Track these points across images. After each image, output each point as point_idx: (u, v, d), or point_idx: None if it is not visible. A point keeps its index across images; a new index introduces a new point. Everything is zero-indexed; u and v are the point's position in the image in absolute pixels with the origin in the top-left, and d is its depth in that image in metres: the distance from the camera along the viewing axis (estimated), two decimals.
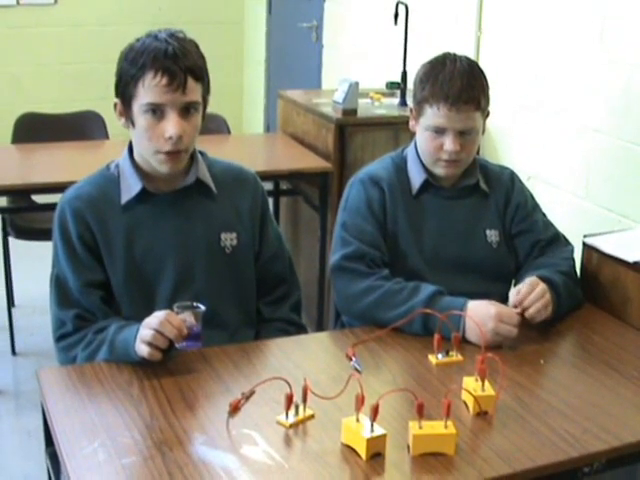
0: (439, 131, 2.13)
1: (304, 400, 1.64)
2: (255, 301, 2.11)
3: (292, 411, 1.63)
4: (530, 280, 2.04)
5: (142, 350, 1.74)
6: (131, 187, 1.96)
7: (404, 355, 1.92)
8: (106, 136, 4.06)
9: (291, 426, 1.61)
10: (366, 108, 3.96)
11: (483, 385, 1.68)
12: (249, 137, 5.38)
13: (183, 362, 1.82)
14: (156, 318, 1.75)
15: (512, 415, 1.68)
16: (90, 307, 1.92)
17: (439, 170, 2.19)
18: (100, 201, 1.96)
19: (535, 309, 1.98)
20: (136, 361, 1.77)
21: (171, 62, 1.84)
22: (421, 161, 2.24)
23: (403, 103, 4.05)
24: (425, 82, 2.15)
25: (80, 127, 4.06)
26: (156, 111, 1.86)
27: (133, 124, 1.91)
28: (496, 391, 1.68)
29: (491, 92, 2.18)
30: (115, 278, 1.94)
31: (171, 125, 1.86)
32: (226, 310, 2.03)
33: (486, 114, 2.19)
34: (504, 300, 2.32)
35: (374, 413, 1.52)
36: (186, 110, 1.88)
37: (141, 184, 1.95)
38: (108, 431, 1.57)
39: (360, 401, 1.54)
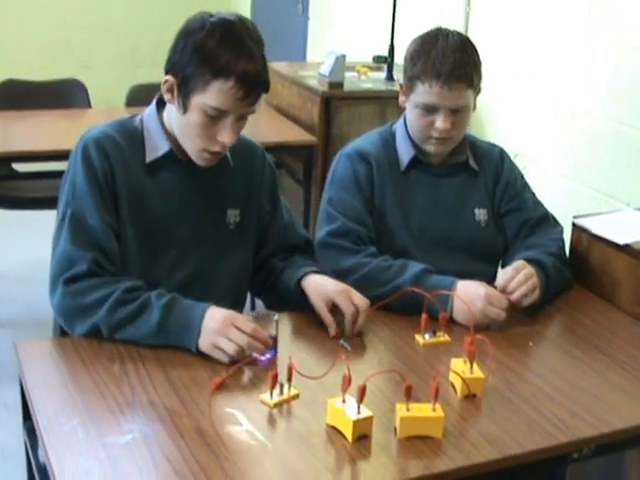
0: (430, 109, 2.08)
1: (289, 379, 1.60)
2: (248, 281, 2.07)
3: (276, 390, 1.59)
4: (516, 264, 2.01)
5: (216, 354, 1.70)
6: (157, 147, 1.89)
7: (390, 335, 1.89)
8: (88, 105, 3.99)
9: (275, 405, 1.57)
10: (352, 82, 3.91)
11: (472, 367, 1.65)
12: None
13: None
14: (239, 332, 1.69)
15: (500, 398, 1.65)
16: (110, 251, 1.82)
17: (429, 147, 2.15)
18: (126, 150, 1.88)
19: (520, 293, 1.95)
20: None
21: (255, 80, 1.78)
22: (410, 137, 2.19)
23: (390, 77, 4.00)
24: (416, 58, 2.10)
25: (62, 95, 3.98)
26: (217, 114, 1.79)
27: (184, 109, 1.81)
28: (485, 374, 1.65)
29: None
30: (124, 233, 1.87)
31: (229, 132, 1.80)
32: (219, 285, 1.98)
33: (478, 91, 2.15)
34: (491, 280, 2.31)
35: (361, 394, 1.49)
36: (242, 116, 1.84)
37: (169, 145, 1.89)
38: (88, 409, 1.53)
39: (347, 382, 1.51)
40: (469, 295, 1.92)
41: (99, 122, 1.95)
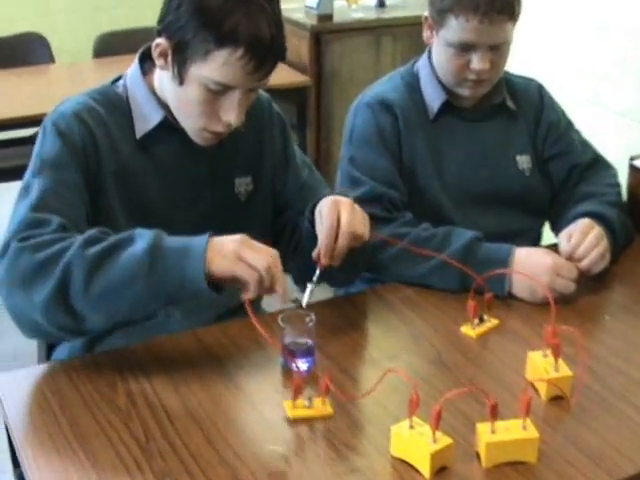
0: (465, 47, 1.75)
1: (325, 393, 1.31)
2: None
3: (303, 401, 1.31)
4: (582, 224, 1.70)
5: (241, 271, 1.32)
6: (148, 117, 1.54)
7: (433, 325, 1.58)
8: (51, 60, 3.58)
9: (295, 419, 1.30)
10: (342, 12, 3.55)
11: (557, 363, 1.36)
12: None
13: (177, 350, 1.47)
14: (253, 252, 1.35)
15: (590, 396, 1.36)
16: (78, 221, 1.44)
17: (463, 91, 1.83)
18: (111, 125, 1.53)
19: (590, 260, 1.65)
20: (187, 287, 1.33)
21: (268, 48, 1.42)
22: (438, 79, 1.86)
23: (381, 4, 3.64)
24: None
25: (21, 51, 3.56)
26: (222, 89, 1.45)
27: (179, 80, 1.46)
28: (572, 370, 1.36)
29: None
30: (115, 222, 1.52)
31: (235, 111, 1.46)
32: None
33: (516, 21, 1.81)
34: (538, 237, 2.01)
35: (436, 420, 1.19)
36: (252, 89, 1.49)
37: (161, 113, 1.54)
38: (93, 462, 1.22)
39: (414, 404, 1.21)
40: (533, 266, 1.62)
41: (65, 79, 1.62)
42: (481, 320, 1.54)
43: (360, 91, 1.95)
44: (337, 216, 1.46)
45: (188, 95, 1.46)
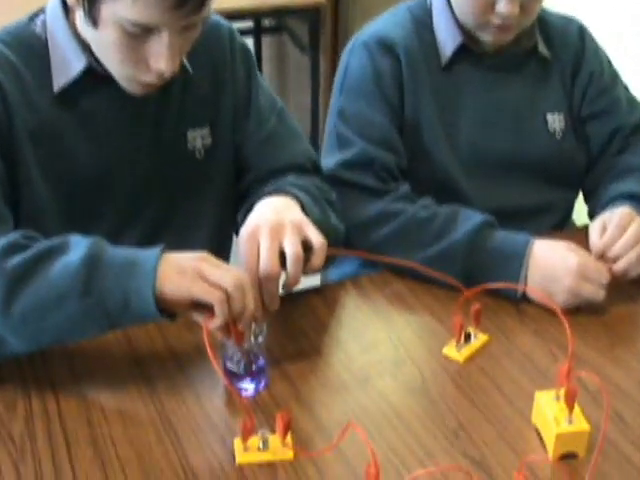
0: None
1: (284, 433, 1.02)
2: (232, 226, 1.45)
3: (257, 441, 1.03)
4: (620, 214, 1.36)
5: (195, 291, 1.03)
6: (68, 63, 1.23)
7: (428, 336, 1.27)
8: None
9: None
10: None
11: (571, 413, 1.05)
12: None
13: (100, 356, 1.19)
14: (216, 268, 1.05)
15: (614, 456, 1.05)
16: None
17: (486, 36, 1.48)
18: (25, 75, 1.22)
19: (628, 262, 1.32)
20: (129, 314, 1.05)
21: None
22: (455, 17, 1.51)
23: None
24: None
25: None
26: (141, 30, 1.13)
27: (92, 22, 1.14)
28: (589, 422, 1.05)
29: None
30: (36, 197, 1.25)
31: (165, 57, 1.14)
32: (191, 243, 1.31)
33: None
34: (568, 215, 1.68)
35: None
36: (186, 27, 1.16)
37: (85, 60, 1.22)
38: None
39: (372, 478, 0.92)
40: (554, 265, 1.30)
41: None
42: (467, 339, 1.23)
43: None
44: (256, 255, 1.13)
45: (105, 40, 1.15)
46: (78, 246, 1.06)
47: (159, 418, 1.09)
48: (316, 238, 1.15)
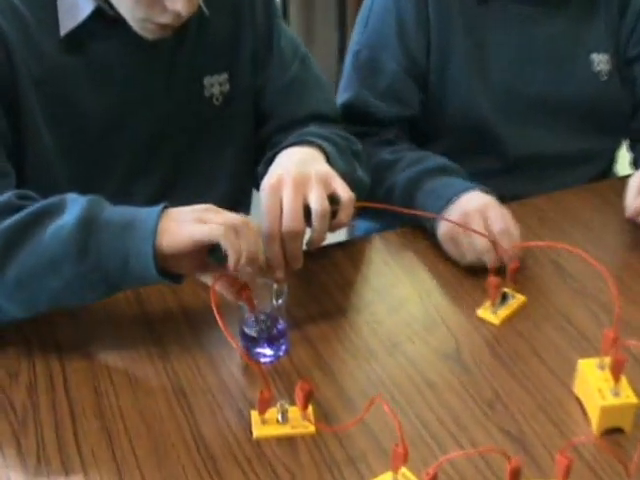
0: None
1: (303, 405, 0.94)
2: (251, 177, 1.34)
3: (276, 413, 0.95)
4: None
5: (196, 233, 0.94)
6: (76, 6, 1.11)
7: (462, 295, 1.18)
8: None
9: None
10: None
11: (617, 384, 0.96)
12: None
13: (109, 317, 1.12)
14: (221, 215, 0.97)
15: None
16: None
17: None
18: (30, 19, 1.11)
19: None
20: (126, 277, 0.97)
21: None
22: None
23: None
24: None
25: None
26: None
27: None
28: (637, 395, 0.96)
29: None
30: (42, 150, 1.16)
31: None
32: (207, 197, 1.15)
33: None
34: (610, 163, 1.57)
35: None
36: None
37: (94, 2, 1.11)
38: None
39: (399, 458, 0.83)
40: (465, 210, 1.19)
41: None
42: (504, 298, 1.14)
43: None
44: (278, 210, 1.03)
45: None
46: (74, 206, 0.98)
47: (171, 387, 1.01)
48: (344, 192, 1.05)
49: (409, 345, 1.08)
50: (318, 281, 1.19)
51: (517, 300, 1.14)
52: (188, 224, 0.95)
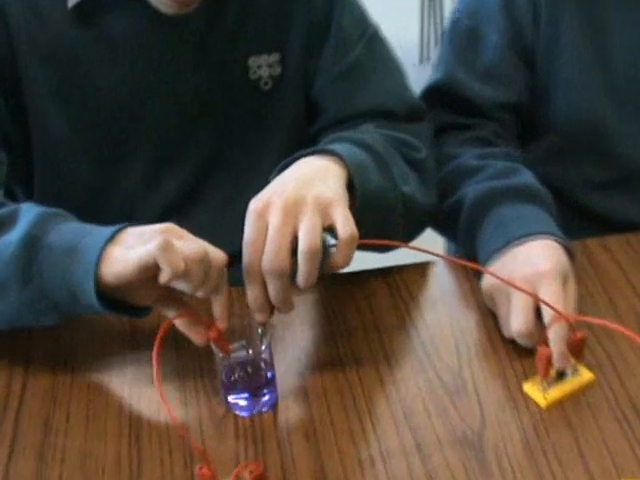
0: None
1: None
2: None
3: None
4: None
5: (138, 255, 0.78)
6: None
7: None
8: None
9: None
10: None
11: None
12: None
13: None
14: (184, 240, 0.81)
15: None
16: None
17: None
18: None
19: None
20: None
21: None
22: None
23: None
24: None
25: None
26: None
27: None
28: None
29: None
30: (48, 130, 1.04)
31: None
32: (247, 191, 0.96)
33: None
34: None
35: None
36: None
37: None
38: None
39: None
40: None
41: None
42: (560, 376, 0.88)
43: None
44: (261, 241, 0.83)
45: None
46: (23, 220, 0.84)
47: (128, 430, 0.86)
48: (343, 226, 0.83)
49: (421, 418, 0.86)
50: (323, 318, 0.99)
51: (580, 378, 0.88)
52: (133, 249, 0.79)
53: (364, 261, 1.11)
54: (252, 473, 0.75)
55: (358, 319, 0.99)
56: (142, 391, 0.90)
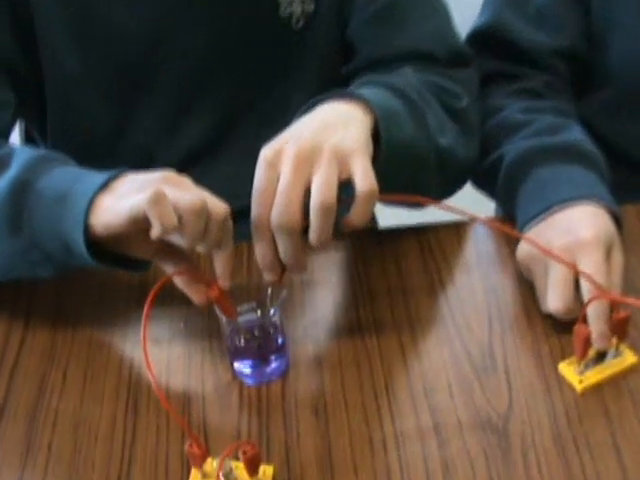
0: None
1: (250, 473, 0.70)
2: None
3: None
4: None
5: (129, 205, 0.71)
6: None
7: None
8: None
9: None
10: None
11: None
12: None
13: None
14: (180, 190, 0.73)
15: None
16: None
17: None
18: None
19: None
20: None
21: None
22: None
23: None
24: None
25: None
26: None
27: None
28: None
29: None
30: (61, 70, 0.97)
31: None
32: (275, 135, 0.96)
33: None
34: None
35: None
36: None
37: None
38: None
39: None
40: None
41: None
42: (600, 357, 0.79)
43: None
44: (270, 193, 0.74)
45: None
46: (14, 164, 0.78)
47: (125, 399, 0.81)
48: (362, 179, 0.74)
49: (443, 397, 0.78)
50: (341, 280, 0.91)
51: (622, 360, 0.79)
52: (126, 198, 0.72)
53: (396, 218, 1.03)
54: (245, 454, 0.68)
55: (383, 281, 0.91)
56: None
